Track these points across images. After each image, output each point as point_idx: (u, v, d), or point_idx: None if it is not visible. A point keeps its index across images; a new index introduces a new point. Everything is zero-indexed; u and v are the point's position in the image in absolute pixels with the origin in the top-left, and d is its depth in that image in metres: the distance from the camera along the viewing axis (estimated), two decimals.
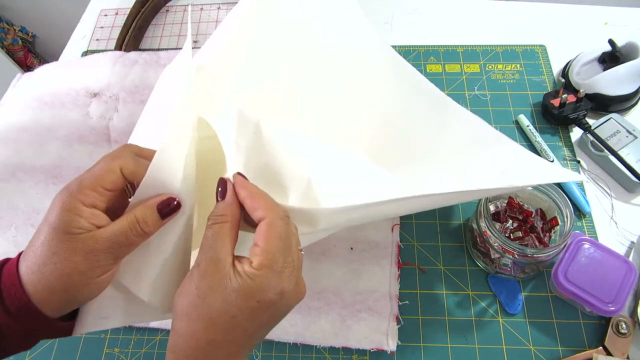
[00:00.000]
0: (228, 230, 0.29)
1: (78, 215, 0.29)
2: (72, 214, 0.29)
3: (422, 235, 0.54)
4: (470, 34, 0.71)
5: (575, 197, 0.54)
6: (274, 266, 0.28)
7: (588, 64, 0.63)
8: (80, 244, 0.28)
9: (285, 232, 0.29)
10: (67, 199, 0.29)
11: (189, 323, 0.28)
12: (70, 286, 0.29)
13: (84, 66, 0.67)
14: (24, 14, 1.51)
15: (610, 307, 0.44)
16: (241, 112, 0.38)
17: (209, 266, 0.28)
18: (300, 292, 0.30)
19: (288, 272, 0.29)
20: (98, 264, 0.29)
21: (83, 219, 0.29)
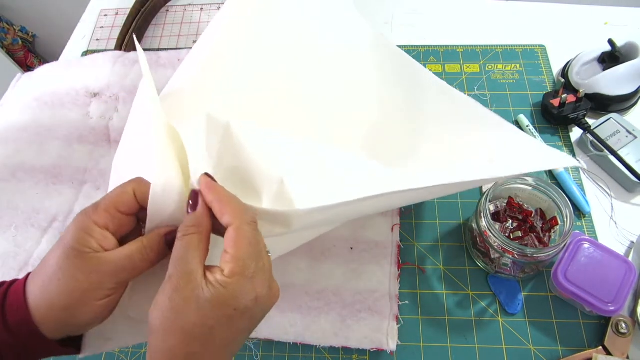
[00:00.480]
0: (198, 242, 0.29)
1: (89, 235, 0.29)
2: (83, 233, 0.29)
3: (422, 235, 0.54)
4: (470, 34, 0.71)
5: (575, 197, 0.54)
6: (245, 272, 0.28)
7: (588, 64, 0.63)
8: (86, 263, 0.29)
9: (254, 238, 0.29)
10: (82, 219, 0.30)
11: (165, 338, 0.27)
12: (69, 304, 0.29)
13: (84, 66, 0.67)
14: (24, 14, 1.51)
15: (610, 307, 0.44)
16: (210, 116, 0.37)
17: (180, 279, 0.28)
18: (274, 295, 0.30)
19: (260, 277, 0.29)
20: (100, 286, 0.29)
21: (93, 240, 0.29)
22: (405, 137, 0.49)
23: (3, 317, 0.29)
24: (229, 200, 0.30)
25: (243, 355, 0.48)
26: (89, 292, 0.29)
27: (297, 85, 0.47)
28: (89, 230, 0.29)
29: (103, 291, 0.29)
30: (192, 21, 0.79)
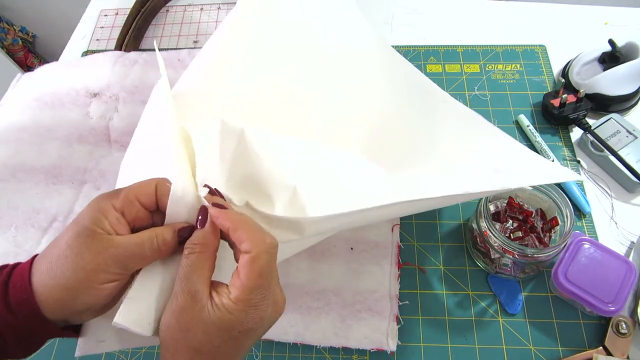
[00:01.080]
0: (204, 261, 0.29)
1: (104, 216, 0.29)
2: (99, 214, 0.29)
3: (422, 235, 0.54)
4: (470, 34, 0.71)
5: (575, 197, 0.54)
6: (251, 301, 0.28)
7: (588, 64, 0.63)
8: (96, 243, 0.29)
9: (267, 268, 0.29)
10: (100, 200, 0.30)
11: (175, 355, 0.28)
12: (72, 285, 0.29)
13: (84, 66, 0.67)
14: (24, 14, 1.51)
15: (610, 307, 0.44)
16: (224, 123, 0.37)
17: (186, 299, 0.28)
18: (279, 309, 0.31)
19: (265, 303, 0.29)
20: (105, 268, 0.29)
21: (107, 222, 0.29)
22: (407, 140, 0.49)
23: (5, 295, 0.29)
24: (247, 227, 0.30)
25: None
26: (93, 274, 0.29)
27: (301, 87, 0.47)
28: (105, 212, 0.29)
29: (107, 275, 0.29)
30: (192, 21, 0.79)
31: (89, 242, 0.29)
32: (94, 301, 0.30)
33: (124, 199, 0.30)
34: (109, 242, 0.29)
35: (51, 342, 0.50)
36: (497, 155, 0.47)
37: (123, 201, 0.30)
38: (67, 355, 0.49)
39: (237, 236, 0.29)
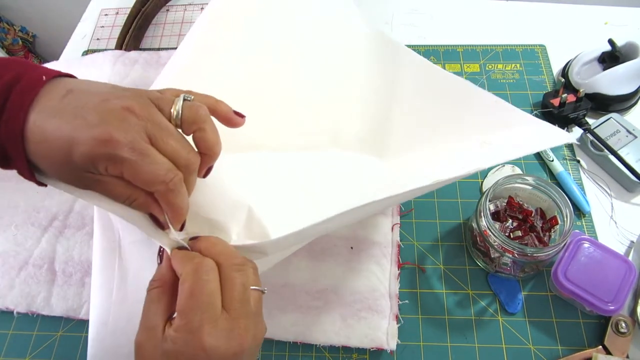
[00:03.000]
0: (161, 295, 0.30)
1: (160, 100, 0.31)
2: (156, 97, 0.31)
3: (422, 235, 0.54)
4: (470, 34, 0.71)
5: (575, 197, 0.54)
6: (188, 326, 0.28)
7: (588, 63, 0.63)
8: (142, 103, 0.30)
9: (197, 288, 0.28)
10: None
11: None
12: (72, 113, 0.29)
13: (84, 66, 0.67)
14: (24, 14, 1.51)
15: (609, 307, 0.44)
16: None
17: (143, 335, 0.29)
18: (241, 343, 0.29)
19: (207, 329, 0.28)
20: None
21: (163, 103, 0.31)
22: (393, 122, 0.50)
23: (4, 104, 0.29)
24: (178, 256, 0.31)
25: None
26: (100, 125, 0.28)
27: (279, 81, 0.48)
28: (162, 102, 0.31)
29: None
30: (192, 21, 0.79)
31: (136, 99, 0.30)
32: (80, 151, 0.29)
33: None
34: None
35: (51, 342, 0.50)
36: (485, 127, 0.45)
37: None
38: (68, 355, 0.49)
39: (177, 268, 0.30)
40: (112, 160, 0.28)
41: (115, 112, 0.28)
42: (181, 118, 0.31)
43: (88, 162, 0.28)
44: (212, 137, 0.32)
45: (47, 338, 0.50)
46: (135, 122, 0.29)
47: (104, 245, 0.41)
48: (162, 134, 0.30)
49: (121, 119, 0.28)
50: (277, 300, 0.49)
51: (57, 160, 0.29)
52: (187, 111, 0.31)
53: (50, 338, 0.50)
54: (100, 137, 0.27)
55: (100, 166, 0.28)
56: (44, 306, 0.50)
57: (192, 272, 0.29)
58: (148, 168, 0.29)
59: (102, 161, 0.28)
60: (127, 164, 0.28)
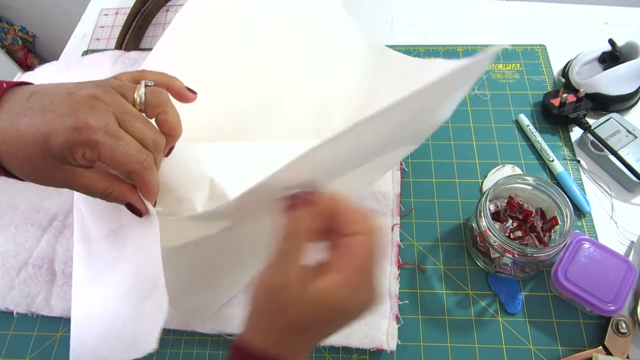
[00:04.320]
0: (297, 249, 0.29)
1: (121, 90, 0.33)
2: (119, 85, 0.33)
3: (422, 235, 0.54)
4: (470, 34, 0.71)
5: (575, 197, 0.54)
6: (359, 283, 0.29)
7: (588, 63, 0.63)
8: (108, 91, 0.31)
9: (376, 251, 0.30)
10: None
11: (269, 325, 0.29)
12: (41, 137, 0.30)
13: (84, 66, 0.67)
14: (24, 14, 1.51)
15: (610, 307, 0.44)
16: None
17: (281, 277, 0.29)
18: (376, 300, 0.31)
19: (368, 287, 0.29)
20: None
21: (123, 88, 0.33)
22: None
23: None
24: (354, 210, 0.31)
25: None
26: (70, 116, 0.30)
27: (262, 75, 0.50)
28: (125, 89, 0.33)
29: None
30: None
31: (103, 88, 0.32)
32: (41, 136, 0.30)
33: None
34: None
35: (51, 343, 0.50)
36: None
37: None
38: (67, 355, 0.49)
39: (345, 217, 0.30)
40: (89, 145, 0.29)
41: (83, 101, 0.30)
42: (145, 103, 0.33)
43: (66, 150, 0.29)
44: (174, 118, 0.34)
45: (47, 338, 0.50)
46: (104, 108, 0.30)
47: (80, 237, 0.42)
48: (129, 118, 0.32)
49: (90, 107, 0.30)
50: None
51: (32, 157, 0.30)
52: (150, 96, 0.33)
53: (50, 338, 0.50)
54: (75, 125, 0.29)
55: (78, 153, 0.30)
56: (43, 306, 0.50)
57: (373, 233, 0.30)
58: (123, 149, 0.31)
59: (79, 147, 0.29)
60: (103, 147, 0.30)
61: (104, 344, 0.37)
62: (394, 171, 0.56)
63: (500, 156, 0.58)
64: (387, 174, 0.56)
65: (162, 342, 0.49)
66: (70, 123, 0.29)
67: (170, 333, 0.49)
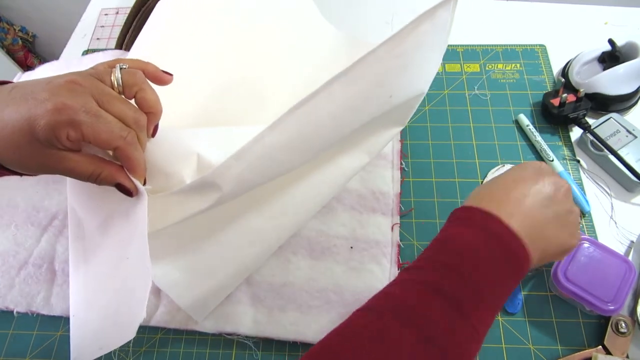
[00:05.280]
0: None
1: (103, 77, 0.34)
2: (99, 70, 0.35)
3: (422, 234, 0.54)
4: (470, 34, 0.71)
5: (575, 197, 0.54)
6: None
7: (588, 63, 0.63)
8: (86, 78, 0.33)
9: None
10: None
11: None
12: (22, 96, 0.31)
13: (84, 65, 0.66)
14: (24, 14, 1.51)
15: (609, 307, 0.44)
16: None
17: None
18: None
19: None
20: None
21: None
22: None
23: None
24: None
25: (243, 354, 0.48)
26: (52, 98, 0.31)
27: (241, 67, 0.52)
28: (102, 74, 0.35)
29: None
30: None
31: (80, 75, 0.34)
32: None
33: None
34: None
35: (51, 342, 0.50)
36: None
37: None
38: (69, 354, 0.49)
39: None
40: (72, 125, 0.31)
41: (62, 86, 0.32)
42: (122, 84, 0.35)
43: (50, 132, 0.30)
44: (151, 96, 0.36)
45: (47, 338, 0.50)
46: (82, 90, 0.32)
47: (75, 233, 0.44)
48: (108, 98, 0.33)
49: (69, 90, 0.32)
50: (277, 300, 0.49)
51: (19, 144, 0.31)
52: (125, 77, 0.35)
53: (51, 337, 0.50)
54: (55, 107, 0.30)
55: (62, 134, 0.31)
56: (43, 306, 0.50)
57: None
58: (105, 127, 0.32)
59: (62, 128, 0.30)
60: (85, 125, 0.31)
61: (101, 332, 0.37)
62: (394, 171, 0.56)
63: (500, 156, 0.58)
64: (387, 174, 0.56)
65: (161, 342, 0.49)
66: (51, 106, 0.30)
67: (171, 332, 0.49)
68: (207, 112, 0.50)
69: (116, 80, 0.35)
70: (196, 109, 0.50)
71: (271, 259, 0.51)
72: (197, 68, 0.51)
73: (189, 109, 0.49)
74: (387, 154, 0.57)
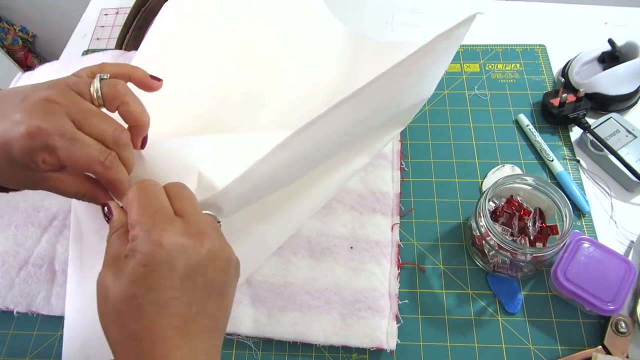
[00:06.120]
0: (120, 235, 0.30)
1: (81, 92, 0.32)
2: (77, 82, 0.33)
3: (422, 234, 0.54)
4: (470, 34, 0.70)
5: (575, 197, 0.54)
6: (142, 227, 0.28)
7: (588, 63, 0.63)
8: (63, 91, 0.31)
9: (145, 194, 0.29)
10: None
11: (107, 331, 0.28)
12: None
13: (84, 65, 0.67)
14: (24, 14, 1.51)
15: (609, 307, 0.44)
16: None
17: (105, 269, 0.29)
18: (202, 241, 0.28)
19: (163, 224, 0.28)
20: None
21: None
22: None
23: None
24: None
25: (243, 354, 0.48)
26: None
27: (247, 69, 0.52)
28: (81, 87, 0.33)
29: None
30: None
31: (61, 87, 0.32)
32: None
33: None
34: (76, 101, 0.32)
35: (51, 342, 0.50)
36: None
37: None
38: None
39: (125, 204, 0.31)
40: (47, 150, 0.29)
41: (36, 105, 0.30)
42: (102, 96, 0.32)
43: (26, 157, 0.29)
44: (135, 108, 0.34)
45: (47, 338, 0.50)
46: (58, 110, 0.30)
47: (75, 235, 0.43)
48: (86, 117, 0.31)
49: (44, 110, 0.29)
50: (276, 300, 0.49)
51: (1, 163, 0.30)
52: (105, 89, 0.33)
53: (51, 337, 0.50)
54: (29, 132, 0.29)
55: (38, 159, 0.29)
56: (43, 306, 0.50)
57: (137, 186, 0.30)
58: (81, 151, 0.30)
59: (38, 153, 0.29)
60: (60, 151, 0.29)
61: (89, 342, 0.37)
62: (394, 171, 0.56)
63: (500, 156, 0.58)
64: (387, 174, 0.56)
65: None
66: (24, 129, 0.29)
67: None
68: (210, 113, 0.50)
69: (95, 93, 0.32)
70: (198, 110, 0.49)
71: (271, 259, 0.51)
72: (199, 69, 0.51)
73: (191, 111, 0.49)
74: (387, 154, 0.57)
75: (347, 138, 0.41)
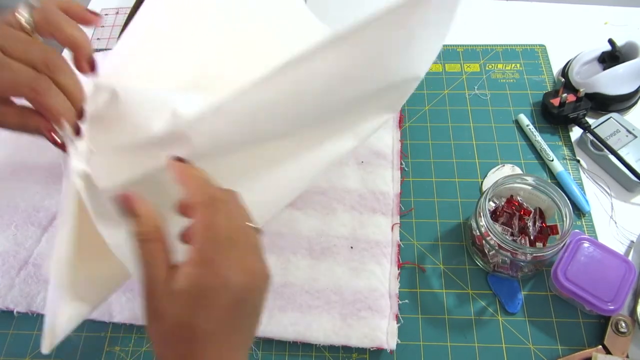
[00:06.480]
0: (161, 246, 0.29)
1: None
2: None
3: (422, 234, 0.54)
4: (470, 34, 0.71)
5: (575, 196, 0.54)
6: (204, 259, 0.27)
7: (588, 63, 0.63)
8: None
9: (215, 221, 0.28)
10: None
11: (159, 349, 0.28)
12: None
13: None
14: None
15: (609, 306, 0.44)
16: (95, 83, 0.36)
17: (150, 288, 0.28)
18: (253, 278, 0.28)
19: (222, 258, 0.27)
20: None
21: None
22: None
23: None
24: (197, 182, 0.30)
25: None
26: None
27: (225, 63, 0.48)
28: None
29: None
30: None
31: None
32: None
33: None
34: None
35: None
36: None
37: None
38: (68, 354, 0.49)
39: (185, 184, 0.29)
40: None
41: None
42: (34, 25, 0.32)
43: None
44: (70, 30, 0.33)
45: None
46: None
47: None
48: (10, 42, 0.31)
49: None
50: (276, 300, 0.49)
51: None
52: (36, 16, 0.32)
53: None
54: None
55: None
56: (44, 305, 0.50)
57: (210, 203, 0.28)
58: (7, 75, 0.30)
59: None
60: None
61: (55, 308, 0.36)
62: (394, 171, 0.56)
63: (500, 156, 0.58)
64: (387, 174, 0.56)
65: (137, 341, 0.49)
66: None
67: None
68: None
69: (24, 19, 0.31)
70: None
71: (271, 259, 0.51)
72: (176, 67, 0.49)
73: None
74: (387, 154, 0.57)
75: (334, 94, 0.38)
